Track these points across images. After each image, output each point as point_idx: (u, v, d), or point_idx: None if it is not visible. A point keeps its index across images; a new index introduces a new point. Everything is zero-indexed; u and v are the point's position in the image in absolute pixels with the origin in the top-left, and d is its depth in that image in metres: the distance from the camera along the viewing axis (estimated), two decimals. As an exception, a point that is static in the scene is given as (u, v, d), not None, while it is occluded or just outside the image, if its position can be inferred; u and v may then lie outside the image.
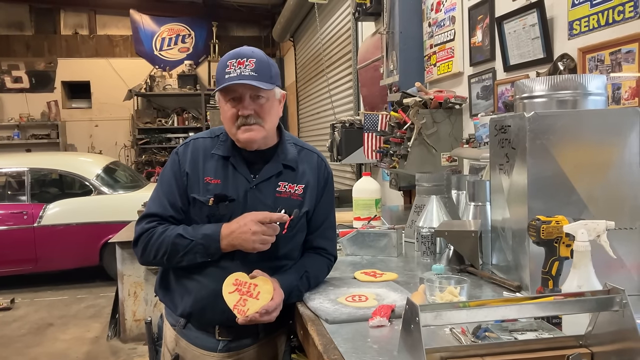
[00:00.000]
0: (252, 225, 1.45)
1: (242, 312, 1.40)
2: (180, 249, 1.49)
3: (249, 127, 1.51)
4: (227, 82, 1.47)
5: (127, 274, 4.07)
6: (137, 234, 1.55)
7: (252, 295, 1.42)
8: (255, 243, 1.45)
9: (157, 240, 1.51)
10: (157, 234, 1.51)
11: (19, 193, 5.61)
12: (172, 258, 1.51)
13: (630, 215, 1.40)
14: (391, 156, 3.12)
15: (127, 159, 9.80)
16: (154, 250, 1.52)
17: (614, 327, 0.97)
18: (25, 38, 9.63)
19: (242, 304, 1.40)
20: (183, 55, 10.02)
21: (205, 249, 1.48)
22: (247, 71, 1.47)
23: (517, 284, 1.49)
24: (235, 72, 1.47)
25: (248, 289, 1.43)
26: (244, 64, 1.47)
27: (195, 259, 1.50)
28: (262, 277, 1.46)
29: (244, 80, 1.46)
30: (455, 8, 3.07)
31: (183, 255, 1.49)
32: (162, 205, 1.56)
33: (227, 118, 1.53)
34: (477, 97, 2.87)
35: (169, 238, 1.50)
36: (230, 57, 1.50)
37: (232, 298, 1.41)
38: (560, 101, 1.48)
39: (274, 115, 1.57)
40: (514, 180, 1.50)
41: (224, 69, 1.49)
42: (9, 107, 9.47)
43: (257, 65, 1.48)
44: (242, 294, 1.42)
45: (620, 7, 1.88)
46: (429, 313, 0.92)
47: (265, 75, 1.49)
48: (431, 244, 1.92)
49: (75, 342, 4.25)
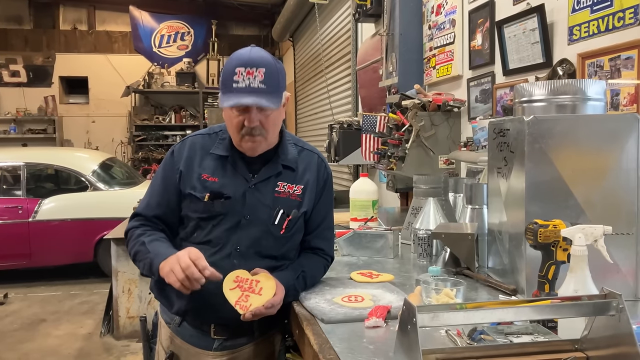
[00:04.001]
0: (180, 258, 1.38)
1: (245, 308, 1.38)
2: (139, 256, 1.54)
3: (253, 138, 1.49)
4: (236, 97, 1.41)
5: (121, 270, 4.06)
6: (125, 231, 1.64)
7: (254, 292, 1.40)
8: (169, 275, 1.39)
9: (133, 241, 1.57)
10: (135, 235, 1.58)
11: (14, 187, 5.58)
12: (135, 262, 1.57)
13: (627, 221, 1.41)
14: (389, 158, 3.12)
15: (124, 155, 9.78)
16: (129, 250, 1.60)
17: (610, 331, 0.97)
18: (24, 32, 9.61)
19: (244, 300, 1.39)
20: (182, 52, 10.02)
21: (150, 265, 1.49)
22: (256, 83, 1.41)
23: (513, 288, 1.49)
24: (244, 83, 1.41)
25: (250, 285, 1.41)
26: (253, 74, 1.41)
27: (143, 270, 1.54)
28: (264, 274, 1.46)
29: (253, 97, 1.41)
30: (455, 11, 3.07)
31: (138, 262, 1.54)
32: (148, 205, 1.61)
33: (231, 125, 1.51)
34: (476, 101, 2.87)
35: (138, 243, 1.55)
36: (239, 63, 1.43)
37: (233, 295, 1.40)
38: (559, 106, 1.48)
39: (278, 124, 1.56)
40: (512, 184, 1.51)
41: (232, 75, 1.42)
42: (6, 101, 9.44)
43: (266, 76, 1.42)
44: (244, 290, 1.40)
45: (621, 14, 1.89)
46: (425, 314, 0.92)
47: (274, 85, 1.44)
48: (428, 246, 1.92)
49: (67, 338, 4.23)
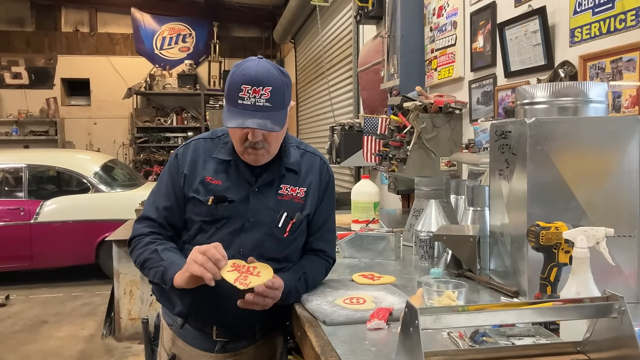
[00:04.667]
0: (196, 250, 1.40)
1: (245, 285, 1.36)
2: (149, 264, 1.52)
3: (256, 151, 1.49)
4: (241, 117, 1.41)
5: (123, 272, 4.06)
6: (132, 235, 1.60)
7: (252, 274, 1.39)
8: (191, 265, 1.39)
9: (141, 248, 1.55)
10: (143, 242, 1.55)
11: (16, 189, 5.59)
12: (142, 269, 1.55)
13: (629, 223, 1.41)
14: (390, 160, 3.12)
15: (125, 157, 9.79)
16: (135, 256, 1.57)
17: (612, 334, 0.97)
18: (26, 34, 9.63)
19: (243, 279, 1.37)
20: (183, 54, 10.03)
21: (163, 274, 1.47)
22: (262, 101, 1.41)
23: (515, 290, 1.49)
24: (250, 101, 1.41)
25: (247, 269, 1.41)
26: (259, 92, 1.41)
27: (154, 279, 1.51)
28: (262, 263, 1.45)
29: (257, 119, 1.40)
30: (457, 13, 3.07)
31: (149, 269, 1.52)
32: (157, 209, 1.59)
33: (235, 136, 1.51)
34: (478, 103, 2.87)
35: (148, 251, 1.53)
36: (245, 80, 1.41)
37: (231, 275, 1.38)
38: (561, 108, 1.49)
39: (281, 137, 1.55)
40: (514, 186, 1.51)
41: (237, 92, 1.41)
42: (7, 103, 9.45)
43: (272, 94, 1.41)
44: (242, 272, 1.39)
45: (622, 16, 1.89)
46: (428, 316, 0.92)
47: (279, 104, 1.44)
48: (429, 248, 1.92)
49: (69, 339, 4.24)
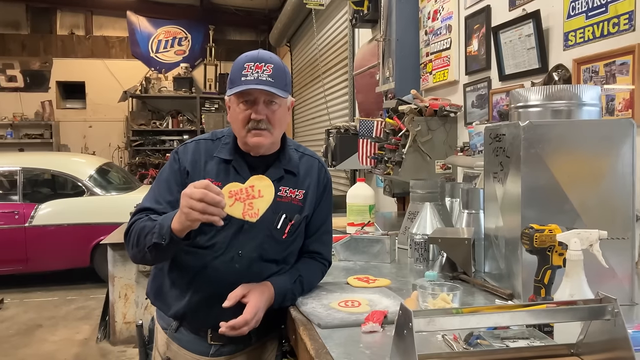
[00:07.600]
0: (188, 193, 1.31)
1: (255, 215, 1.35)
2: (145, 230, 1.44)
3: (259, 132, 1.49)
4: (245, 85, 1.45)
5: (118, 276, 4.05)
6: (127, 227, 1.53)
7: (254, 197, 1.38)
8: (189, 214, 1.30)
9: (139, 223, 1.48)
10: (141, 220, 1.49)
11: (10, 192, 5.57)
12: (139, 241, 1.45)
13: (623, 226, 1.41)
14: (385, 163, 3.12)
15: (121, 160, 9.78)
16: (131, 237, 1.48)
17: (605, 336, 0.97)
18: (21, 37, 9.62)
19: (249, 208, 1.36)
20: (179, 58, 10.03)
21: (160, 228, 1.40)
22: (265, 76, 1.45)
23: (510, 292, 1.49)
24: (253, 76, 1.45)
25: (247, 192, 1.38)
26: (261, 68, 1.46)
27: (152, 239, 1.41)
28: (254, 176, 1.43)
29: (261, 85, 1.45)
30: (451, 17, 3.09)
31: (145, 236, 1.43)
32: (156, 200, 1.54)
33: (238, 120, 1.51)
34: (472, 106, 2.88)
35: (144, 222, 1.47)
36: (248, 59, 1.48)
37: (236, 209, 1.36)
38: (554, 111, 1.49)
39: (283, 122, 1.57)
40: (508, 189, 1.51)
41: (241, 70, 1.47)
42: (2, 106, 9.43)
43: (274, 72, 1.47)
44: (243, 200, 1.37)
45: (615, 20, 1.90)
46: (422, 319, 0.92)
47: (281, 82, 1.48)
48: (424, 251, 1.93)
49: (64, 343, 4.21)
